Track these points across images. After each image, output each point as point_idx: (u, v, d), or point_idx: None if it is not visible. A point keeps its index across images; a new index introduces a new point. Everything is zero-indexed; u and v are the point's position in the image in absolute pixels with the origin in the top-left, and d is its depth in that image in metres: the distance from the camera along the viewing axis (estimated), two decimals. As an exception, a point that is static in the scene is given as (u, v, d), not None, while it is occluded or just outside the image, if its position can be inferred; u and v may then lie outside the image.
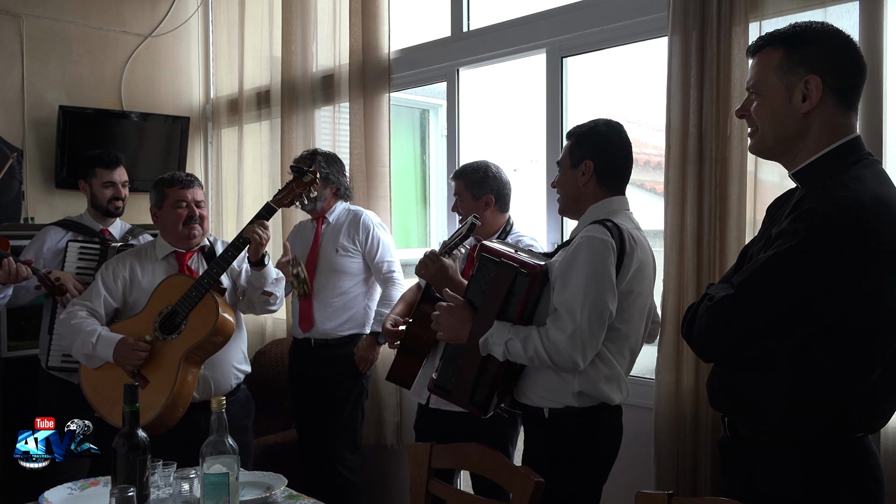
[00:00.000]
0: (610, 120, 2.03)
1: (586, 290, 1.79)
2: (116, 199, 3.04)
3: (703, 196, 2.31)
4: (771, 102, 1.47)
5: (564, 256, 1.87)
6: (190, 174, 2.70)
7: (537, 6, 3.03)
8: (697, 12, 2.32)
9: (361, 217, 3.12)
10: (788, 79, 1.45)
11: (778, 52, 1.47)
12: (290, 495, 1.93)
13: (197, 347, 2.41)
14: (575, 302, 1.79)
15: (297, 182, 2.58)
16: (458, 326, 1.91)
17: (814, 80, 1.42)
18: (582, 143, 2.00)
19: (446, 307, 1.96)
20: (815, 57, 1.43)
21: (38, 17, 4.08)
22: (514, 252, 1.93)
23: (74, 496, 1.92)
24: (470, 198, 2.61)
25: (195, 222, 2.61)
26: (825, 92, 1.42)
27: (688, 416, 2.34)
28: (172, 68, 4.57)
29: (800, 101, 1.44)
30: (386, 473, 3.49)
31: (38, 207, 4.03)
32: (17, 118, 4.02)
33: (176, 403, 2.39)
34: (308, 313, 3.08)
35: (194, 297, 2.44)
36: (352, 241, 3.09)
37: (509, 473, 1.69)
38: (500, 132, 4.06)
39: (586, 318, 1.78)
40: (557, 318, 1.81)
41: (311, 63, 3.77)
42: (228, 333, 2.48)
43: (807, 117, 1.44)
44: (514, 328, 1.83)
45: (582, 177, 1.97)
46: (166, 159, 4.37)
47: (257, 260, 2.54)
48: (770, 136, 1.49)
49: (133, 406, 1.67)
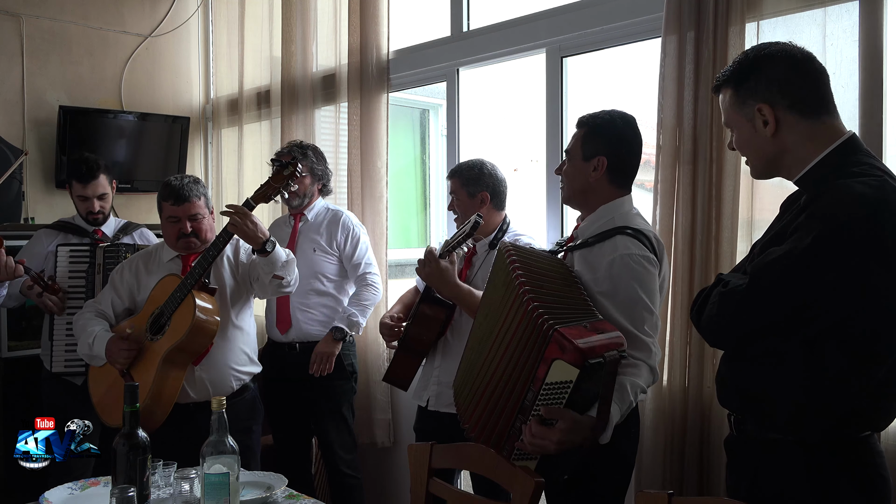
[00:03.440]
0: (624, 113, 1.97)
1: (644, 306, 1.79)
2: (90, 214, 3.03)
3: (696, 196, 2.32)
4: (742, 135, 1.55)
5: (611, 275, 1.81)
6: (188, 183, 2.58)
7: (537, 6, 3.03)
8: (693, 12, 2.32)
9: (342, 217, 3.08)
10: (744, 112, 1.52)
11: (729, 91, 1.55)
12: (290, 495, 1.93)
13: (176, 348, 2.39)
14: (639, 320, 1.78)
15: (276, 176, 2.49)
16: (577, 438, 1.64)
17: (765, 108, 1.48)
18: (597, 136, 1.92)
19: (560, 429, 1.62)
20: (757, 87, 1.49)
21: (38, 17, 4.09)
22: (586, 326, 1.65)
23: (75, 496, 1.92)
24: (465, 195, 2.60)
25: (189, 237, 2.56)
26: (779, 113, 1.48)
27: (675, 414, 2.35)
28: (172, 68, 4.57)
29: (762, 127, 1.50)
30: (380, 472, 3.49)
31: (38, 207, 4.04)
32: (18, 118, 4.02)
33: (155, 404, 2.38)
34: (286, 314, 3.01)
35: (178, 298, 2.43)
36: (329, 243, 3.04)
37: (509, 473, 1.69)
38: (500, 132, 4.06)
39: (650, 330, 1.79)
40: (632, 341, 1.75)
41: (312, 63, 3.77)
42: (209, 334, 2.45)
43: (777, 138, 1.50)
44: (619, 396, 1.68)
45: (593, 172, 1.91)
46: (166, 159, 4.37)
47: (259, 248, 2.46)
48: (758, 163, 1.57)
49: (133, 406, 1.67)
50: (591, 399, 1.64)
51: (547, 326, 1.59)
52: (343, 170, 3.57)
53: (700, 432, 2.32)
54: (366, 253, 3.08)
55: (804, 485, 1.43)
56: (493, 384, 1.77)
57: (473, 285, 2.44)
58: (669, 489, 2.06)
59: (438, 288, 2.37)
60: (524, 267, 1.76)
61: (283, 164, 2.50)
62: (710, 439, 2.30)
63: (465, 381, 1.94)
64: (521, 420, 1.67)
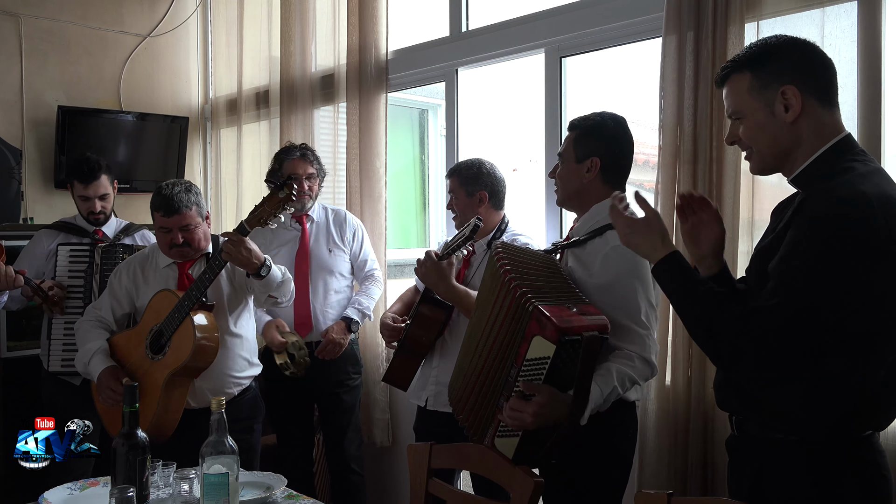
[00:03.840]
0: (614, 114, 2.00)
1: (639, 298, 1.81)
2: (91, 214, 3.02)
3: (696, 196, 2.32)
4: (756, 122, 1.49)
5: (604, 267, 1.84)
6: (179, 193, 2.48)
7: (536, 6, 3.03)
8: (693, 12, 2.32)
9: (346, 216, 3.14)
10: (764, 96, 1.47)
11: (745, 76, 1.49)
12: (289, 495, 1.93)
13: (179, 371, 2.39)
14: (634, 312, 1.80)
15: (272, 198, 2.38)
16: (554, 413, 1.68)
17: (790, 90, 1.45)
18: (588, 137, 1.95)
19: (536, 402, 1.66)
20: (781, 69, 1.46)
21: (36, 16, 4.08)
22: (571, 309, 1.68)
23: (74, 496, 1.92)
24: (464, 194, 2.60)
25: (182, 246, 2.51)
26: (804, 96, 1.45)
27: (678, 414, 2.35)
28: (171, 68, 4.57)
29: (783, 112, 1.46)
30: (379, 472, 3.49)
31: (37, 207, 4.03)
32: (16, 118, 4.02)
33: (161, 425, 2.39)
34: (306, 317, 3.00)
35: (177, 319, 2.40)
36: (341, 241, 3.09)
37: (509, 473, 1.69)
38: (499, 132, 4.06)
39: (646, 322, 1.81)
40: (626, 334, 1.78)
41: (310, 63, 3.77)
42: (210, 356, 2.43)
43: (795, 125, 1.46)
44: (602, 380, 1.73)
45: (587, 173, 1.94)
46: (165, 159, 4.37)
47: (254, 273, 2.42)
48: (768, 154, 1.51)
49: (133, 406, 1.67)
50: (571, 378, 1.67)
51: (527, 302, 1.65)
52: (342, 170, 3.57)
53: (704, 432, 2.31)
54: (370, 249, 3.17)
55: (806, 484, 1.43)
56: (483, 371, 1.82)
57: (472, 285, 2.44)
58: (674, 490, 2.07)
59: (435, 287, 2.38)
60: (511, 262, 1.81)
61: (279, 186, 2.39)
62: (714, 439, 2.30)
63: (458, 375, 1.98)
64: (505, 397, 1.72)
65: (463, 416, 1.92)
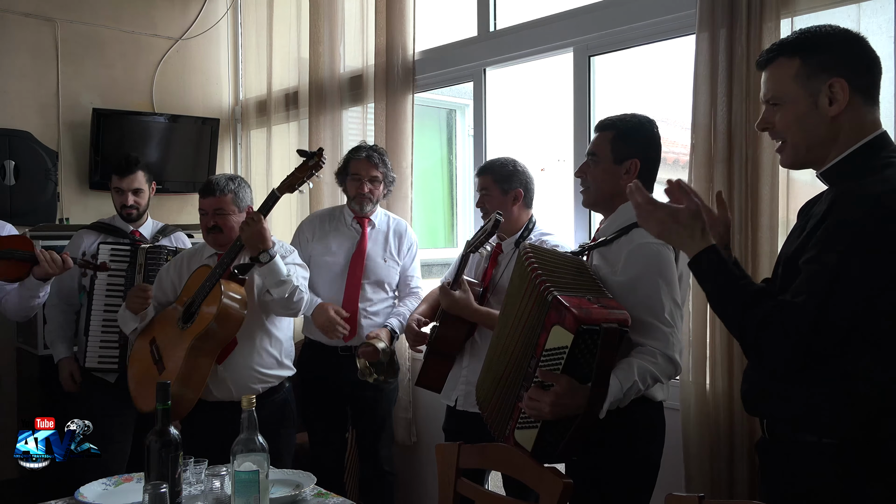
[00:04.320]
0: (646, 116, 1.99)
1: (663, 295, 1.79)
2: (124, 207, 3.05)
3: (733, 196, 2.27)
4: (796, 111, 1.45)
5: (628, 265, 1.83)
6: (222, 179, 2.63)
7: (564, 5, 3.01)
8: (726, 9, 2.28)
9: (406, 229, 3.12)
10: (810, 85, 1.42)
11: (794, 61, 1.44)
12: (319, 493, 1.94)
13: (203, 335, 2.42)
14: (658, 309, 1.78)
15: (302, 166, 2.52)
16: (572, 403, 1.67)
17: (839, 83, 1.40)
18: (629, 139, 1.94)
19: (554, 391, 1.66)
20: (833, 60, 1.41)
21: (72, 21, 4.17)
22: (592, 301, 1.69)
23: (109, 492, 1.96)
24: (499, 192, 2.58)
25: (213, 231, 2.59)
26: (852, 92, 1.41)
27: (719, 418, 2.31)
28: (202, 71, 4.64)
29: (826, 105, 1.42)
30: (402, 470, 3.49)
31: (73, 208, 4.12)
32: (53, 120, 4.11)
33: (184, 387, 2.42)
34: (353, 321, 2.95)
35: (207, 287, 2.48)
36: (398, 253, 3.06)
37: (537, 474, 1.69)
38: (527, 131, 4.05)
39: (670, 320, 1.80)
40: (649, 330, 1.78)
41: (339, 64, 3.79)
42: (234, 322, 2.45)
43: (836, 120, 1.42)
44: (622, 374, 1.73)
45: (626, 175, 1.92)
46: (196, 161, 4.43)
47: (254, 256, 2.45)
48: (802, 146, 1.47)
49: (165, 404, 1.69)
50: (590, 370, 1.66)
51: (546, 292, 1.67)
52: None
53: (750, 437, 2.24)
54: (418, 266, 3.14)
55: (836, 487, 1.41)
56: (507, 367, 1.83)
57: (500, 284, 2.46)
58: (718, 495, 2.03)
59: (461, 314, 2.44)
60: (540, 261, 1.81)
61: (309, 155, 2.53)
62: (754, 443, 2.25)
63: (485, 374, 1.99)
64: (525, 388, 1.73)
65: (487, 413, 1.93)
